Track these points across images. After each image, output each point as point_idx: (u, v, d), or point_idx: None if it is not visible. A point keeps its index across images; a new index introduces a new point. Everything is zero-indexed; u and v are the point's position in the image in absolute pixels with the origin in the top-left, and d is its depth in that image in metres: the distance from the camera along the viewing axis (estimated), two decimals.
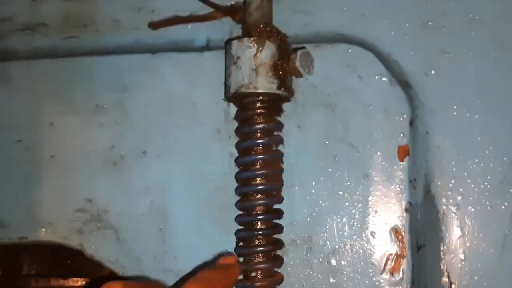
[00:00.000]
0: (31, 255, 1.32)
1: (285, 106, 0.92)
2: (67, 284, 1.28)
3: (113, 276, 0.96)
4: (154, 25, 0.96)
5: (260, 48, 0.83)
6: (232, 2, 0.93)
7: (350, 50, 0.93)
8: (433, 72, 0.90)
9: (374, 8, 0.91)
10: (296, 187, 0.92)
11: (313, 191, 0.92)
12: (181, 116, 0.96)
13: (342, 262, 0.91)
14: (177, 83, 0.97)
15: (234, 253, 0.87)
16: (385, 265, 0.90)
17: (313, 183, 0.92)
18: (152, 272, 0.95)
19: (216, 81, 0.94)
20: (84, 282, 1.29)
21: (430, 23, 0.90)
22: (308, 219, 0.92)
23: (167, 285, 0.81)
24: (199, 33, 0.97)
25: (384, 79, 0.92)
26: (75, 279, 1.28)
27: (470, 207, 0.88)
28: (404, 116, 0.92)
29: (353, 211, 0.91)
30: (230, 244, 0.89)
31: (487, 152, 0.88)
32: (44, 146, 1.00)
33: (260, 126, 0.84)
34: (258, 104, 0.84)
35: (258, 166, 0.84)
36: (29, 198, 0.99)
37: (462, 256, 0.87)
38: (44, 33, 1.02)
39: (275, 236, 0.86)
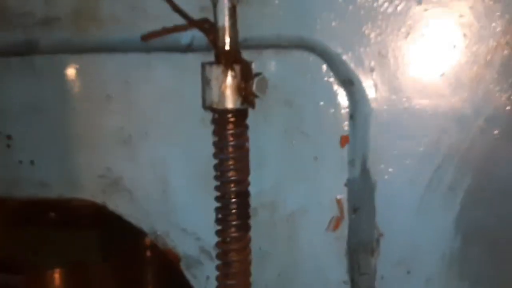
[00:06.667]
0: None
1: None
2: None
3: None
4: (145, 38, 1.17)
5: (227, 74, 1.06)
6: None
7: (304, 55, 1.14)
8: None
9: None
10: (262, 166, 1.19)
11: (275, 168, 1.20)
12: (173, 106, 1.22)
13: (300, 221, 1.21)
14: (168, 79, 1.21)
15: None
16: (329, 225, 1.20)
17: (275, 163, 1.20)
18: (159, 223, 1.27)
19: (199, 76, 1.15)
20: None
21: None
22: (271, 189, 1.21)
23: None
24: (184, 35, 1.19)
25: (331, 79, 1.14)
26: None
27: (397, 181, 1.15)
28: (346, 110, 1.15)
29: (306, 185, 1.19)
30: None
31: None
32: (72, 127, 1.28)
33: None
34: (228, 115, 1.08)
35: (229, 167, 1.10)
36: (65, 166, 1.29)
37: (389, 213, 1.16)
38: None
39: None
